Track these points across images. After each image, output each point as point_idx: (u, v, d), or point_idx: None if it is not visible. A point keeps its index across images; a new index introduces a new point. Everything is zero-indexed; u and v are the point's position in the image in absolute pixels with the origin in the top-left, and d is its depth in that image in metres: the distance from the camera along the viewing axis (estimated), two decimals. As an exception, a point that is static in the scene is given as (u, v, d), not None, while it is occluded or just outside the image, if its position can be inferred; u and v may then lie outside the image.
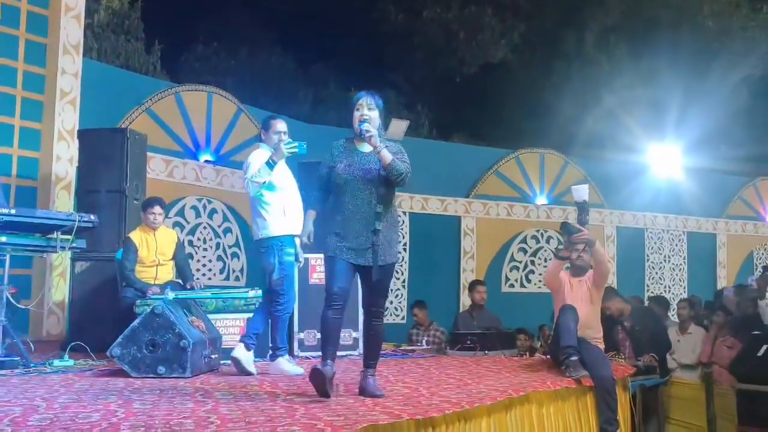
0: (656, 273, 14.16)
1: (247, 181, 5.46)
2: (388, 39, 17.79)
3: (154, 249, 6.75)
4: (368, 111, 4.34)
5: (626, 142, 14.47)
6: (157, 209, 6.79)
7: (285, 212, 5.51)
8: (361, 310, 6.84)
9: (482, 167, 13.04)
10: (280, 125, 5.71)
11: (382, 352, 6.52)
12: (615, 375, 5.51)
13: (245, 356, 5.38)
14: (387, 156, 4.22)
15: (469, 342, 7.23)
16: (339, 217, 4.31)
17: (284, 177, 5.65)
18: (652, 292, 13.32)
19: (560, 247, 6.18)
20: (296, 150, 5.45)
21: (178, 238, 7.14)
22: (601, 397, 5.30)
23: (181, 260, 7.01)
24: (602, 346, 5.94)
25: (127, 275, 6.56)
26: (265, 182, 5.43)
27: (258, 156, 5.53)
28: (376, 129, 4.32)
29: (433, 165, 12.32)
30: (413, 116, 15.27)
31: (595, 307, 5.99)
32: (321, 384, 4.06)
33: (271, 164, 5.41)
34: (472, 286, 9.46)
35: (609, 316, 7.42)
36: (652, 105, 15.43)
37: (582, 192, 5.94)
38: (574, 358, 5.34)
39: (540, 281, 12.60)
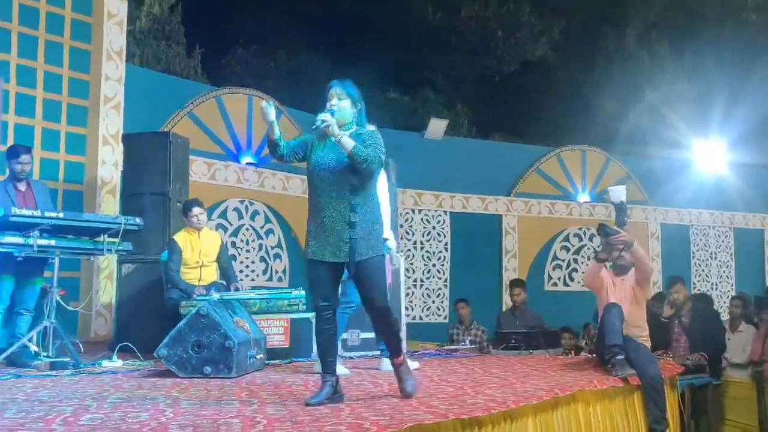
0: (702, 270, 13.93)
1: None
2: (426, 38, 17.74)
3: (198, 250, 6.83)
4: (338, 101, 4.17)
5: (670, 137, 14.25)
6: (197, 210, 6.87)
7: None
8: (403, 309, 6.88)
9: (523, 165, 12.96)
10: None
11: (425, 351, 6.54)
12: (663, 374, 5.43)
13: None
14: (347, 143, 4.02)
15: (513, 341, 7.19)
16: (314, 215, 4.14)
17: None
18: (698, 290, 13.11)
19: (599, 248, 6.11)
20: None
21: (221, 239, 7.22)
22: (648, 396, 5.23)
23: (225, 262, 7.08)
24: (649, 345, 5.85)
25: (172, 277, 6.64)
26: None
27: None
28: (350, 119, 4.20)
29: (473, 164, 12.29)
30: (452, 115, 15.22)
31: (640, 305, 5.90)
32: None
33: None
34: (509, 287, 9.50)
35: (654, 312, 7.33)
36: (697, 100, 15.17)
37: (619, 193, 5.87)
38: (620, 356, 5.27)
39: (585, 273, 12.47)
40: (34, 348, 5.72)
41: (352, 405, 3.85)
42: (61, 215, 5.60)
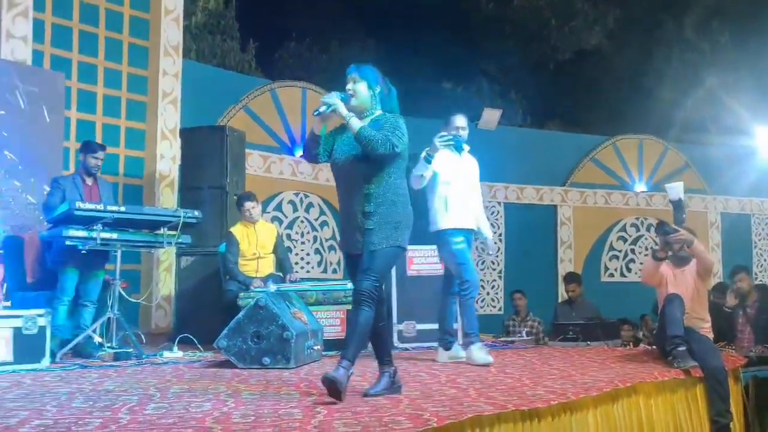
0: (765, 260, 13.58)
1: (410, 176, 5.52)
2: (479, 28, 17.63)
3: (254, 242, 6.91)
4: (353, 84, 4.04)
5: (730, 124, 13.89)
6: (249, 204, 6.95)
7: (447, 206, 5.51)
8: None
9: (578, 155, 12.80)
10: (459, 121, 5.71)
11: (483, 342, 6.48)
12: (726, 365, 5.32)
13: (446, 356, 5.53)
14: (354, 124, 3.89)
15: (570, 332, 7.12)
16: (339, 207, 4.10)
17: (453, 171, 5.61)
18: (760, 281, 12.79)
19: (656, 247, 6.00)
20: (452, 143, 5.43)
21: (277, 231, 7.29)
22: (711, 388, 5.13)
23: (281, 253, 7.16)
24: (711, 336, 5.74)
25: (231, 268, 6.73)
26: (423, 176, 5.43)
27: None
28: (369, 104, 4.04)
29: (528, 154, 12.17)
30: (507, 105, 15.07)
31: (701, 296, 5.79)
32: (335, 391, 3.65)
33: (428, 158, 5.40)
34: (564, 282, 9.45)
35: (716, 303, 7.18)
36: (758, 86, 14.76)
37: (677, 190, 5.75)
38: (681, 348, 5.18)
39: (641, 270, 12.28)
40: (98, 339, 5.87)
41: (410, 396, 3.86)
42: (122, 209, 5.72)
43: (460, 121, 5.73)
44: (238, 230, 6.95)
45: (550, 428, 3.65)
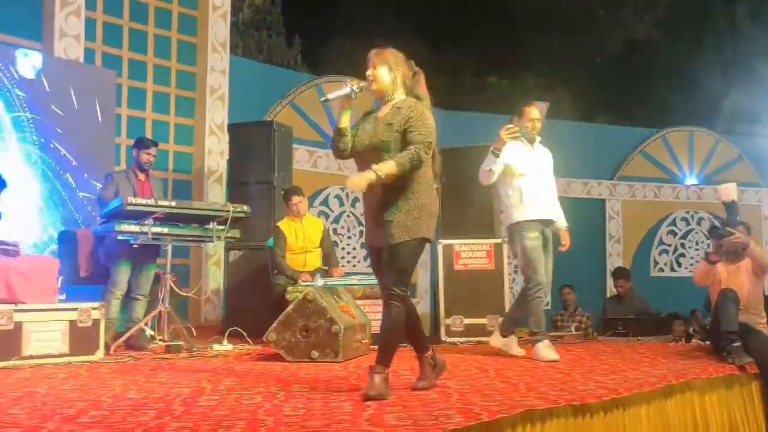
0: (821, 255, 13.24)
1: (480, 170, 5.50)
2: (524, 20, 17.48)
3: (302, 236, 6.95)
4: (372, 69, 3.85)
5: (785, 116, 13.59)
6: (295, 198, 6.98)
7: (522, 199, 5.46)
8: (507, 293, 6.82)
9: (627, 148, 12.63)
10: (534, 112, 5.64)
11: (530, 337, 6.41)
12: (782, 362, 5.19)
13: (501, 342, 5.57)
14: (389, 170, 3.62)
15: (620, 327, 7.03)
16: (363, 197, 3.94)
17: (529, 163, 5.55)
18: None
19: (709, 250, 5.88)
20: (518, 135, 5.39)
21: (324, 226, 7.32)
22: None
23: (328, 247, 7.19)
24: (767, 332, 5.61)
25: (279, 262, 6.78)
26: (492, 171, 5.40)
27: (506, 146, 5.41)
28: (390, 87, 3.84)
29: (575, 147, 11.98)
30: (553, 98, 14.91)
31: (757, 291, 5.66)
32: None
33: (496, 152, 5.36)
34: (613, 277, 9.35)
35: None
36: (814, 75, 14.41)
37: (730, 191, 5.61)
38: (736, 344, 5.07)
39: (692, 264, 12.10)
40: (149, 332, 5.96)
41: (460, 390, 3.84)
42: (173, 204, 5.80)
43: (535, 112, 5.63)
44: (285, 225, 6.99)
45: (602, 424, 3.61)
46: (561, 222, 5.80)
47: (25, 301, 5.04)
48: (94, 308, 5.32)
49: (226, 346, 5.98)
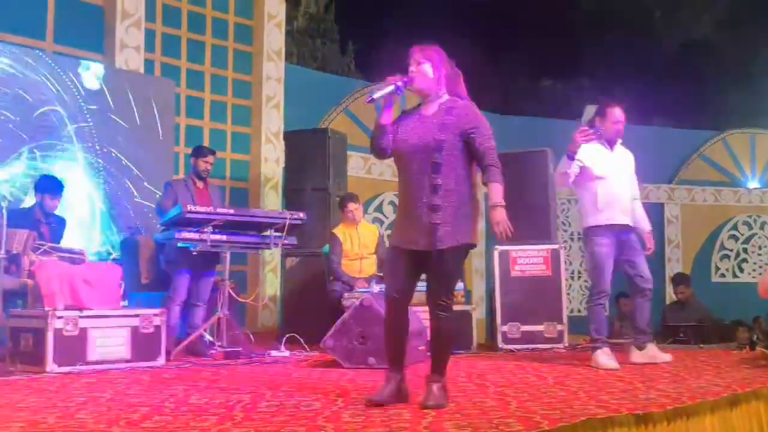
0: None
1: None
2: (579, 23, 17.30)
3: (357, 243, 6.97)
4: (417, 66, 3.73)
5: None
6: (351, 205, 7.00)
7: (597, 203, 5.39)
8: (564, 300, 6.75)
9: (686, 151, 12.40)
10: (617, 113, 5.53)
11: (588, 345, 6.33)
12: None
13: (640, 356, 5.47)
14: (499, 194, 3.69)
15: (681, 335, 6.89)
16: (400, 198, 3.77)
17: (603, 165, 5.46)
18: None
19: None
20: (593, 137, 5.30)
21: (379, 232, 7.34)
22: (838, 394, 4.86)
23: (383, 254, 7.18)
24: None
25: (335, 269, 6.82)
26: (567, 173, 5.36)
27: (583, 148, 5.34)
28: (434, 86, 3.72)
29: (632, 151, 11.81)
30: (609, 101, 14.75)
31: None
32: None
33: (570, 155, 5.30)
34: (673, 283, 9.18)
35: None
36: None
37: None
38: (804, 351, 4.93)
39: (755, 270, 11.82)
40: (209, 338, 6.05)
41: (518, 398, 3.81)
42: (231, 211, 5.88)
43: (618, 114, 5.52)
44: (341, 231, 7.03)
45: (665, 433, 3.54)
46: (644, 225, 5.69)
47: (90, 308, 5.16)
48: (156, 315, 5.42)
49: (283, 352, 6.03)
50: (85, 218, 7.11)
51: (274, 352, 6.00)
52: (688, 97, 16.06)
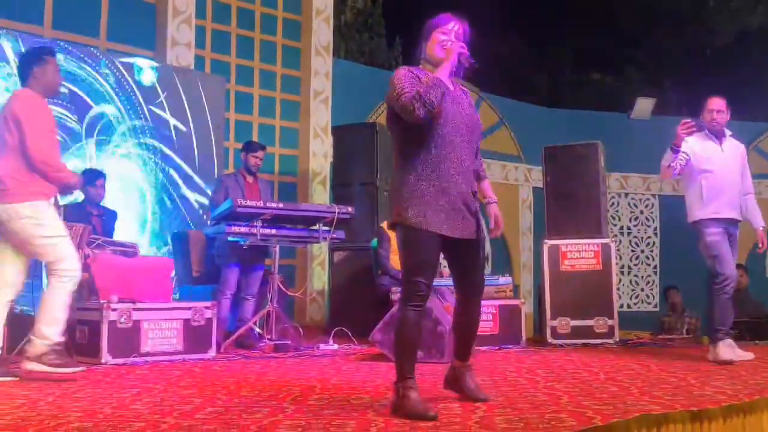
0: None
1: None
2: (627, 13, 16.99)
3: (405, 238, 6.96)
4: (458, 41, 3.49)
5: None
6: None
7: (702, 196, 5.35)
8: (615, 294, 6.64)
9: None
10: (713, 104, 5.46)
11: (639, 340, 6.26)
12: None
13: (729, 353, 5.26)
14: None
15: (735, 330, 6.75)
16: (433, 178, 3.31)
17: (710, 158, 5.40)
18: None
19: None
20: (694, 129, 5.23)
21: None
22: None
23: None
24: None
25: (383, 263, 6.84)
26: (671, 167, 5.32)
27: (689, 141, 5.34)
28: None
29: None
30: (660, 94, 14.49)
31: None
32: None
33: (674, 148, 5.27)
34: None
35: None
36: None
37: None
38: None
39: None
40: (258, 331, 6.11)
41: (570, 392, 3.78)
42: (281, 205, 5.92)
43: (714, 103, 5.45)
44: (389, 226, 7.03)
45: (721, 431, 3.47)
46: (755, 221, 5.58)
47: (142, 300, 5.25)
48: (207, 307, 5.49)
49: (332, 345, 6.06)
50: (138, 213, 7.23)
51: (322, 346, 6.03)
52: (741, 89, 15.70)
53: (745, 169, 5.58)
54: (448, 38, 3.49)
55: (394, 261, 6.90)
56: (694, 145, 5.35)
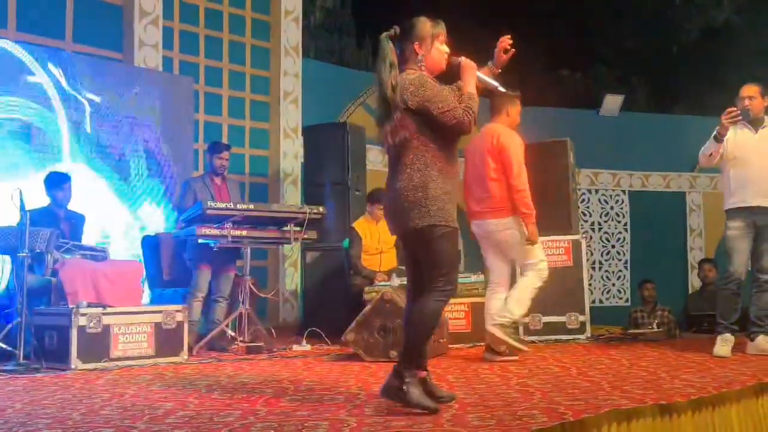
0: None
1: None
2: (595, 11, 17.10)
3: (377, 237, 6.97)
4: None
5: None
6: (379, 205, 6.98)
7: (730, 185, 5.39)
8: (586, 292, 6.70)
9: (707, 139, 12.22)
10: (744, 91, 5.48)
11: (610, 335, 6.30)
12: None
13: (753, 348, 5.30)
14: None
15: (705, 324, 6.84)
16: (448, 175, 3.48)
17: (741, 146, 5.38)
18: None
19: None
20: (739, 118, 5.23)
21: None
22: None
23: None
24: None
25: (355, 263, 6.82)
26: (710, 155, 5.35)
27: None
28: None
29: (652, 140, 11.76)
30: (628, 90, 14.59)
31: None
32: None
33: (717, 137, 5.29)
34: (699, 265, 9.10)
35: None
36: None
37: None
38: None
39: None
40: (231, 333, 6.07)
41: (542, 389, 3.80)
42: (251, 207, 5.90)
43: (745, 91, 5.47)
44: (360, 225, 7.02)
45: (691, 424, 3.51)
46: None
47: (112, 305, 5.19)
48: (178, 311, 5.45)
49: (305, 346, 6.05)
50: (108, 216, 7.15)
51: (295, 347, 6.02)
52: (708, 85, 15.86)
53: None
54: (449, 52, 3.80)
55: (366, 261, 6.90)
56: (729, 134, 5.34)
